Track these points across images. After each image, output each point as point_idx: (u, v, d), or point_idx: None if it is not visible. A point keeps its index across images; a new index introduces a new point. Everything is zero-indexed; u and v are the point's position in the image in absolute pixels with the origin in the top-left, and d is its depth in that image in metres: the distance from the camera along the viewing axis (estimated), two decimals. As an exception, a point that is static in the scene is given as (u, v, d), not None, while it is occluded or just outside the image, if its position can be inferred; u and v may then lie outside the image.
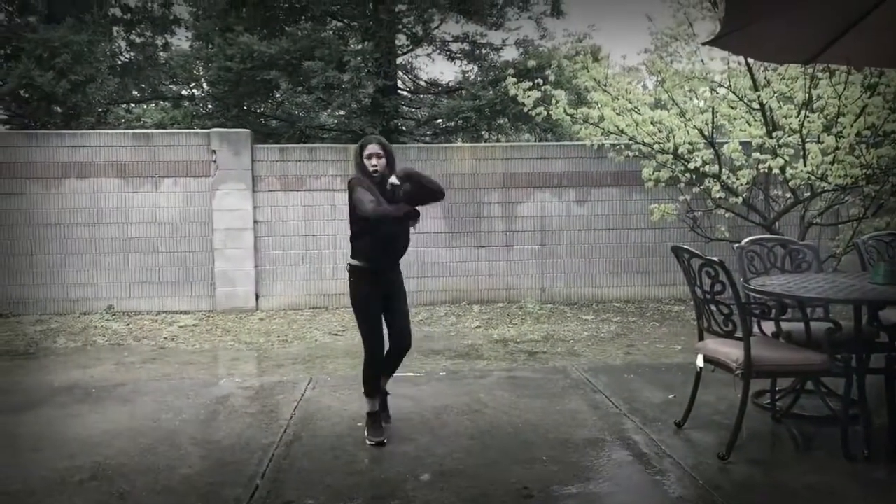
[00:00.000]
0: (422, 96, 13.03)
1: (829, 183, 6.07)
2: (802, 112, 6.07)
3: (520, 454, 3.62)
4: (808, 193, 6.60)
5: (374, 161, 3.71)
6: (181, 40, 13.92)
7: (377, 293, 3.78)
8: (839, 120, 5.95)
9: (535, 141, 12.75)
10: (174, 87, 13.79)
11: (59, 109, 10.09)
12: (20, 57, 9.53)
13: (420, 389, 4.83)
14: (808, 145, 6.09)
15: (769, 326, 3.94)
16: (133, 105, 14.77)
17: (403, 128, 11.65)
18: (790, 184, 6.29)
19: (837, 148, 5.89)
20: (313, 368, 5.57)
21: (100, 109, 10.53)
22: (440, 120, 11.85)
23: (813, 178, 6.06)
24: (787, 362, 3.59)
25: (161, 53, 13.77)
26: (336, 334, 6.85)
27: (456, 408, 4.41)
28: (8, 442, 3.91)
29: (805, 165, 6.00)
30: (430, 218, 8.30)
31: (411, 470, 3.44)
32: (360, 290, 3.78)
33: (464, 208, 8.49)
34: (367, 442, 3.76)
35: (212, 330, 7.23)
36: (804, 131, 6.05)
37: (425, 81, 13.29)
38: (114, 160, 8.08)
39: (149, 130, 9.18)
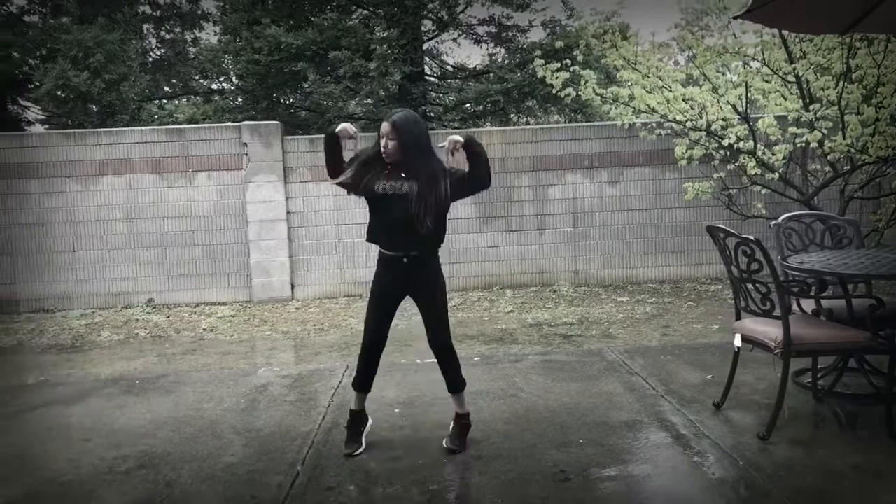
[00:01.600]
0: (449, 81, 13.00)
1: (870, 155, 5.90)
2: (840, 83, 5.89)
3: (556, 438, 3.63)
4: (848, 167, 6.42)
5: (383, 142, 3.37)
6: (209, 35, 14.10)
7: (386, 283, 3.56)
8: (879, 90, 5.78)
9: (565, 122, 12.62)
10: (204, 82, 13.97)
11: (94, 108, 10.30)
12: (56, 58, 9.74)
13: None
14: (846, 117, 5.92)
15: (808, 304, 3.87)
16: (165, 101, 15.00)
17: (432, 114, 11.64)
18: (829, 157, 6.13)
19: (878, 119, 5.72)
20: (349, 356, 5.64)
21: (133, 106, 10.73)
22: (468, 104, 11.81)
23: (853, 150, 5.90)
24: (829, 340, 3.52)
25: (190, 49, 13.96)
26: (371, 322, 6.92)
27: (491, 392, 4.42)
28: (59, 433, 4.04)
29: (844, 138, 5.84)
30: (461, 204, 8.25)
31: (449, 455, 3.47)
32: (377, 272, 3.63)
33: (494, 193, 8.46)
34: (343, 451, 3.51)
35: (249, 320, 7.36)
36: (843, 103, 5.89)
37: (452, 66, 13.25)
38: (148, 156, 8.23)
39: (181, 126, 9.33)
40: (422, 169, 3.39)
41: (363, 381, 3.58)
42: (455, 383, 3.58)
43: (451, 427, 3.60)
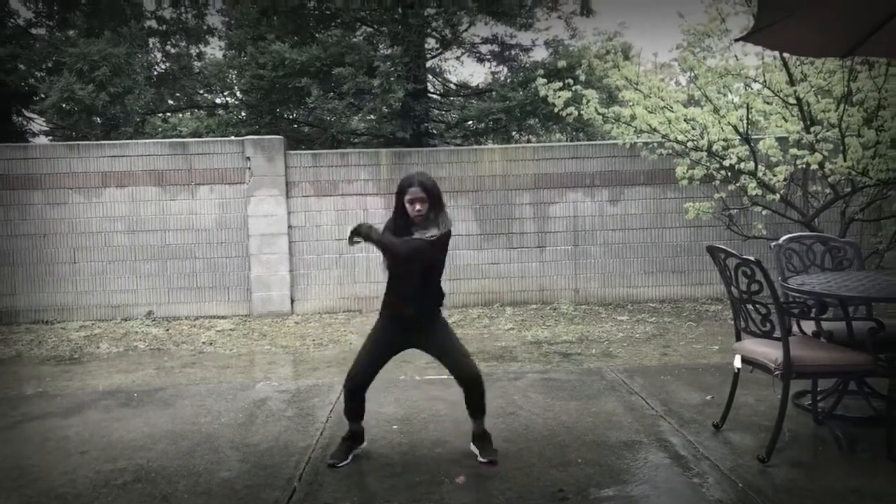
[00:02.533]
0: (452, 99, 13.06)
1: (871, 178, 5.92)
2: (841, 106, 5.93)
3: (555, 457, 3.61)
4: (849, 189, 6.44)
5: (417, 207, 3.39)
6: (214, 49, 14.20)
7: (389, 333, 3.58)
8: (880, 113, 5.81)
9: (567, 141, 12.67)
10: (208, 96, 14.06)
11: (98, 121, 10.35)
12: (62, 71, 9.81)
13: (453, 391, 4.80)
14: (847, 140, 5.94)
15: (809, 326, 3.86)
16: (169, 114, 15.08)
17: (434, 131, 11.69)
18: (829, 179, 6.15)
19: (879, 142, 5.75)
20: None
21: (137, 120, 10.78)
22: (470, 122, 11.87)
23: (853, 173, 5.92)
24: (829, 362, 3.51)
25: (195, 63, 14.05)
26: (370, 337, 6.91)
27: (490, 410, 4.38)
28: (56, 445, 4.02)
29: (845, 160, 5.86)
30: (462, 220, 8.31)
31: (447, 472, 3.45)
32: (379, 319, 3.66)
33: (495, 210, 8.49)
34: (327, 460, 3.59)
35: (248, 334, 7.34)
36: (843, 125, 5.92)
37: (455, 84, 13.33)
38: (151, 169, 8.26)
39: (184, 139, 9.37)
40: (445, 223, 3.47)
41: (351, 409, 3.65)
42: (479, 409, 3.64)
43: (475, 446, 3.63)
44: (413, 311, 3.53)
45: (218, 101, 13.84)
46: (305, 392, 4.99)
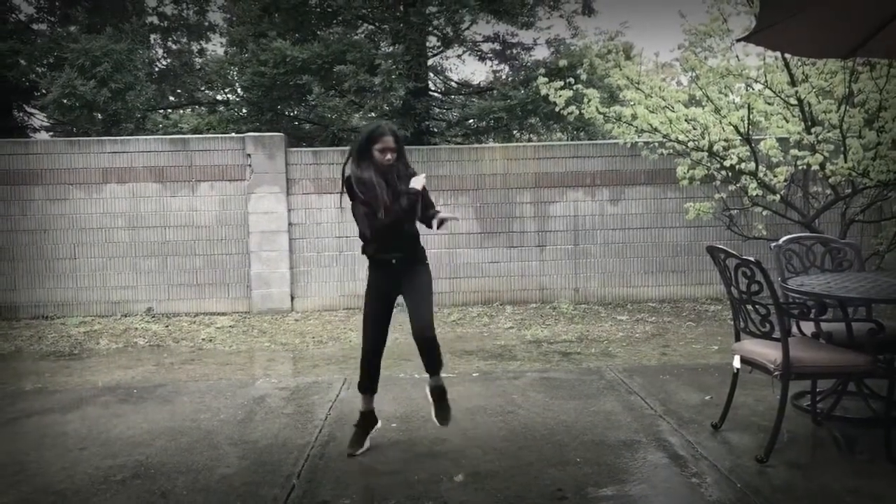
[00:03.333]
0: (453, 97, 13.05)
1: (871, 179, 5.92)
2: (842, 107, 5.93)
3: (554, 456, 3.61)
4: (850, 190, 6.44)
5: (388, 156, 3.49)
6: (216, 46, 14.19)
7: (379, 287, 3.68)
8: (881, 114, 5.81)
9: (568, 140, 12.67)
10: (209, 93, 14.04)
11: (99, 116, 10.34)
12: (63, 66, 9.80)
13: (453, 390, 4.82)
14: (848, 141, 5.94)
15: (808, 327, 3.86)
16: (170, 111, 15.07)
17: (435, 129, 11.68)
18: (830, 180, 6.15)
19: (879, 143, 5.75)
20: (347, 369, 5.63)
21: (138, 116, 10.77)
22: (471, 120, 11.86)
23: (854, 174, 5.92)
24: (828, 363, 3.51)
25: (196, 59, 14.04)
26: (370, 335, 6.91)
27: (489, 409, 4.41)
28: (55, 441, 4.03)
29: (846, 161, 5.86)
30: (463, 219, 8.31)
31: (445, 471, 3.45)
32: (368, 281, 3.75)
33: (496, 208, 8.48)
34: (347, 450, 3.65)
35: (248, 331, 7.35)
36: (844, 126, 5.92)
37: (456, 82, 13.32)
38: (152, 165, 8.26)
39: (185, 135, 9.37)
40: (410, 173, 3.62)
41: (367, 384, 3.73)
42: (432, 367, 3.64)
43: (433, 408, 3.66)
44: (395, 258, 3.63)
45: (219, 97, 13.82)
46: (305, 389, 5.00)
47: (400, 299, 3.70)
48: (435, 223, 3.64)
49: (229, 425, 4.22)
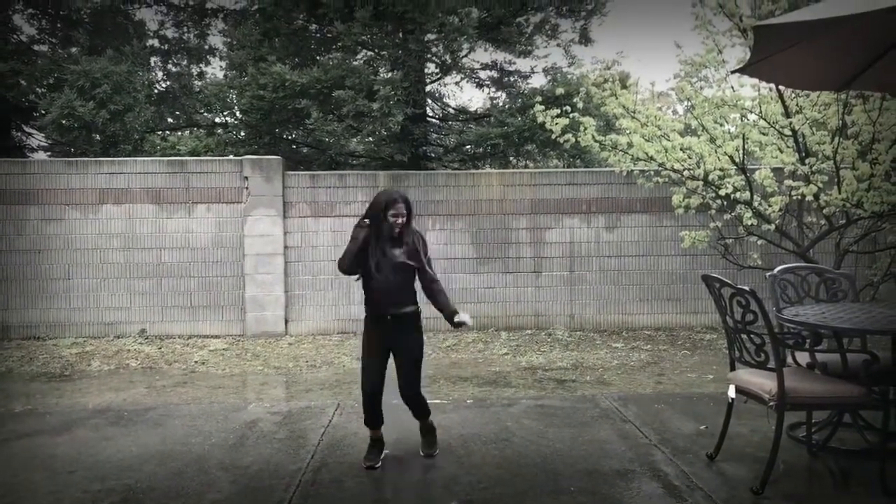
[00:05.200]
0: (450, 123, 13.14)
1: (865, 210, 5.97)
2: (836, 138, 5.99)
3: (548, 484, 3.58)
4: (844, 220, 6.48)
5: (399, 220, 3.82)
6: (215, 69, 14.29)
7: (374, 341, 3.89)
8: (874, 146, 5.87)
9: (564, 167, 12.74)
10: (208, 115, 14.11)
11: (98, 137, 10.36)
12: (63, 87, 9.85)
13: (447, 417, 4.80)
14: (842, 172, 6.00)
15: (803, 357, 3.86)
16: (168, 133, 15.12)
17: (432, 154, 11.75)
18: (824, 211, 6.20)
19: (873, 174, 5.80)
20: (340, 394, 5.58)
21: (136, 137, 10.80)
22: (468, 146, 11.92)
23: (848, 205, 5.96)
24: (823, 394, 3.50)
25: (196, 82, 14.12)
26: (364, 360, 6.87)
27: (483, 436, 4.38)
28: (44, 463, 3.97)
29: (840, 192, 5.91)
30: (458, 244, 8.33)
31: (438, 498, 3.42)
32: (364, 328, 3.98)
33: (492, 234, 8.50)
34: (363, 464, 3.85)
35: (241, 354, 7.30)
36: (838, 158, 5.97)
37: (454, 108, 13.42)
38: (149, 187, 8.27)
39: (183, 157, 9.39)
40: (419, 238, 3.98)
41: (369, 419, 3.94)
42: (421, 415, 4.06)
43: (422, 440, 4.05)
44: (391, 314, 3.85)
45: (217, 120, 13.89)
46: (297, 414, 4.95)
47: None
48: (450, 320, 3.89)
49: (221, 450, 4.18)
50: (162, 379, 6.26)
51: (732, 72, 4.05)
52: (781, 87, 6.10)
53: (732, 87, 6.48)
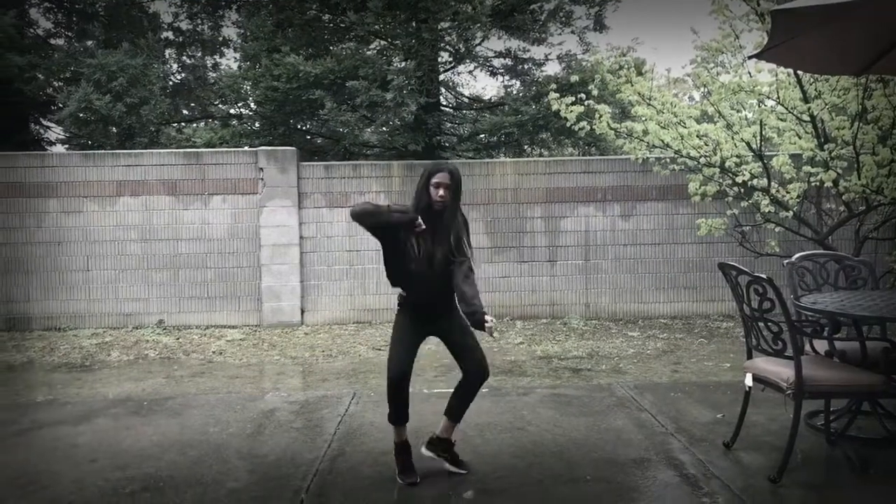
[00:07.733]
0: (464, 112, 13.10)
1: (886, 196, 5.89)
2: (856, 123, 5.91)
3: (564, 473, 3.58)
4: (863, 207, 6.40)
5: (441, 192, 3.44)
6: (230, 61, 14.33)
7: (412, 324, 3.57)
8: (894, 131, 5.78)
9: (579, 155, 12.67)
10: (223, 107, 14.17)
11: (114, 130, 10.45)
12: (79, 81, 9.94)
13: (463, 406, 4.81)
14: (862, 157, 5.92)
15: (821, 345, 3.82)
16: (183, 125, 15.22)
17: (446, 143, 11.72)
18: (843, 197, 6.12)
19: (893, 160, 5.72)
20: (357, 383, 5.62)
21: (152, 129, 10.88)
22: (482, 135, 11.88)
23: (868, 191, 5.88)
24: (841, 382, 3.47)
25: (210, 74, 14.19)
26: (379, 349, 6.90)
27: (499, 425, 4.39)
28: (66, 452, 4.04)
29: (859, 178, 5.83)
30: (473, 234, 8.29)
31: (454, 487, 3.43)
32: (398, 314, 3.67)
33: (506, 223, 8.49)
34: (398, 481, 3.48)
35: (258, 344, 7.36)
36: (858, 143, 5.89)
37: (468, 97, 13.38)
38: (165, 178, 8.34)
39: (198, 149, 9.45)
40: (461, 218, 3.57)
41: (396, 410, 3.56)
42: (463, 409, 3.62)
43: (446, 457, 3.61)
44: (435, 304, 3.55)
45: (232, 111, 13.94)
46: (314, 403, 4.99)
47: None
48: (472, 321, 3.37)
49: (238, 439, 4.22)
50: (180, 369, 6.34)
51: (750, 57, 3.99)
52: (800, 73, 6.02)
53: (749, 73, 6.40)
